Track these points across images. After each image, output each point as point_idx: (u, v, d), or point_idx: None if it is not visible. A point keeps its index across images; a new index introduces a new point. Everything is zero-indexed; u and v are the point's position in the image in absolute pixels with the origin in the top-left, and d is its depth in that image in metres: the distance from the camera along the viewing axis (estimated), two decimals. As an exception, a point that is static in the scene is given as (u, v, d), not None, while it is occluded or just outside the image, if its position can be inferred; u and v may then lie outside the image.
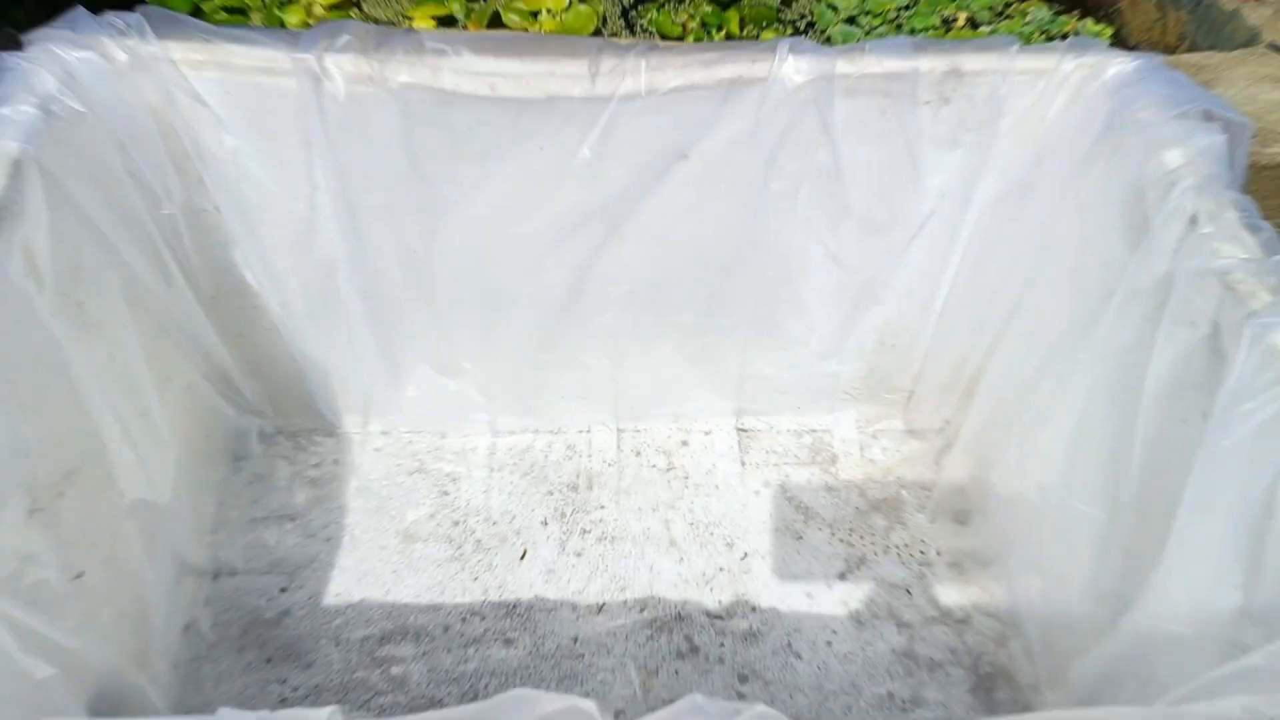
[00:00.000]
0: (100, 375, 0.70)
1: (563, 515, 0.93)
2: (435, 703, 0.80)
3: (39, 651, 0.54)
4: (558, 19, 1.21)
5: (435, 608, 0.86)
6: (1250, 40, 1.17)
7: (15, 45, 0.69)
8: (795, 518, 0.94)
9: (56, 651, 0.57)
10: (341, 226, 0.80)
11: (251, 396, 0.93)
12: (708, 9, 1.31)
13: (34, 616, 0.56)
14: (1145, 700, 0.66)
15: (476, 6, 1.24)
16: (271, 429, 0.96)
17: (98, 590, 0.69)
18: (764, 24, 1.34)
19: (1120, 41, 1.42)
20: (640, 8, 1.35)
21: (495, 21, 1.25)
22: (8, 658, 0.52)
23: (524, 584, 0.88)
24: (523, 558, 0.90)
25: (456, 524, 0.92)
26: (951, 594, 0.89)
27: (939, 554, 0.92)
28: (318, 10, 1.22)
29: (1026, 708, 0.82)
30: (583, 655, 0.84)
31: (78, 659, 0.61)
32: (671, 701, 0.84)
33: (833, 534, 0.93)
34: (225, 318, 0.86)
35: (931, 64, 0.73)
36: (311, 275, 0.85)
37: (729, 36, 1.32)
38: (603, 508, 0.94)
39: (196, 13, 1.20)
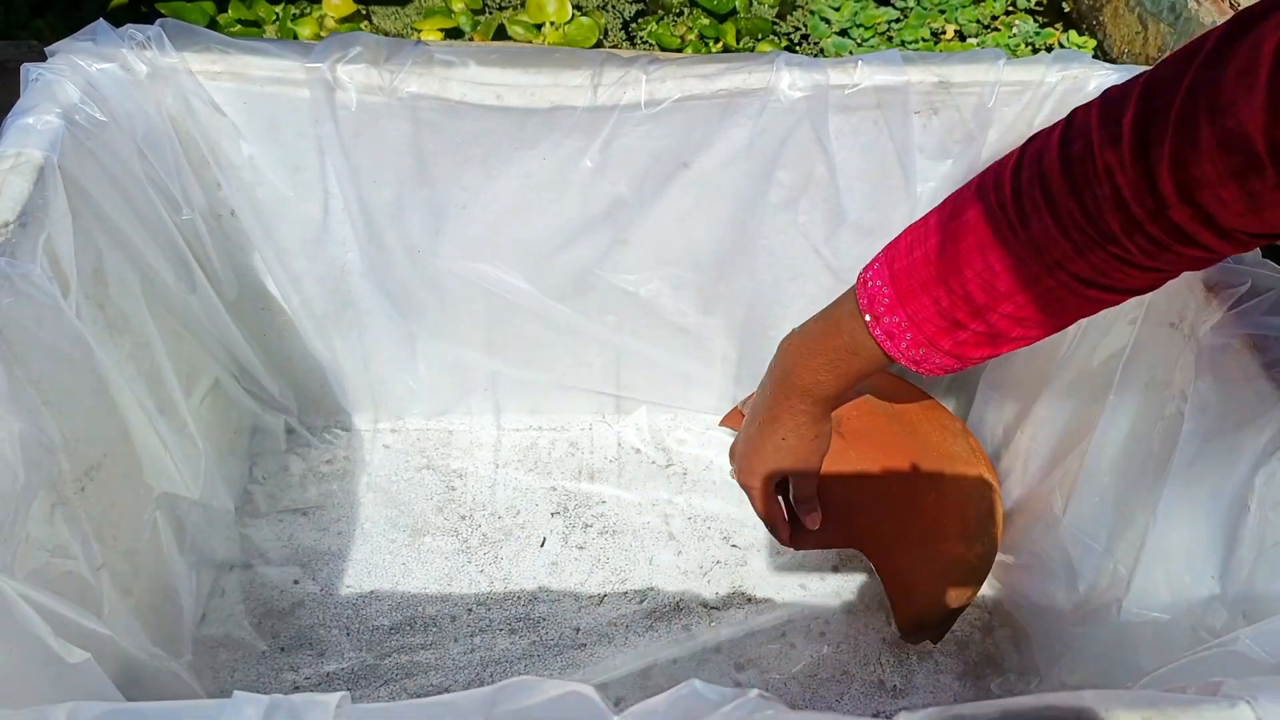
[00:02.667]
0: (124, 374, 0.72)
1: (565, 510, 0.96)
2: (442, 690, 0.82)
3: (71, 637, 0.55)
4: (561, 31, 1.24)
5: (443, 599, 0.88)
6: (1229, 52, 1.20)
7: None
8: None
9: (88, 637, 0.59)
10: (354, 229, 0.83)
11: (276, 394, 0.95)
12: (705, 22, 1.34)
13: (64, 605, 0.58)
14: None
15: (482, 19, 1.27)
16: (289, 425, 0.99)
17: (122, 580, 0.71)
18: (759, 36, 1.37)
19: (1103, 53, 1.46)
20: (640, 20, 1.38)
21: (500, 34, 1.28)
22: (41, 643, 0.53)
23: (528, 576, 0.91)
24: (543, 545, 0.93)
25: (463, 518, 0.95)
26: (940, 586, 0.92)
27: (928, 547, 0.94)
28: (329, 23, 1.25)
29: (1011, 694, 0.84)
30: (585, 644, 0.86)
31: (109, 644, 0.62)
32: (671, 689, 0.86)
33: (826, 528, 0.95)
34: (247, 318, 0.89)
35: (921, 76, 0.76)
36: (325, 276, 0.87)
37: (726, 48, 1.35)
38: (604, 502, 0.97)
39: (212, 26, 1.23)
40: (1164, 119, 0.45)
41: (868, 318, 0.60)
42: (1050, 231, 0.52)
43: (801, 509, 0.80)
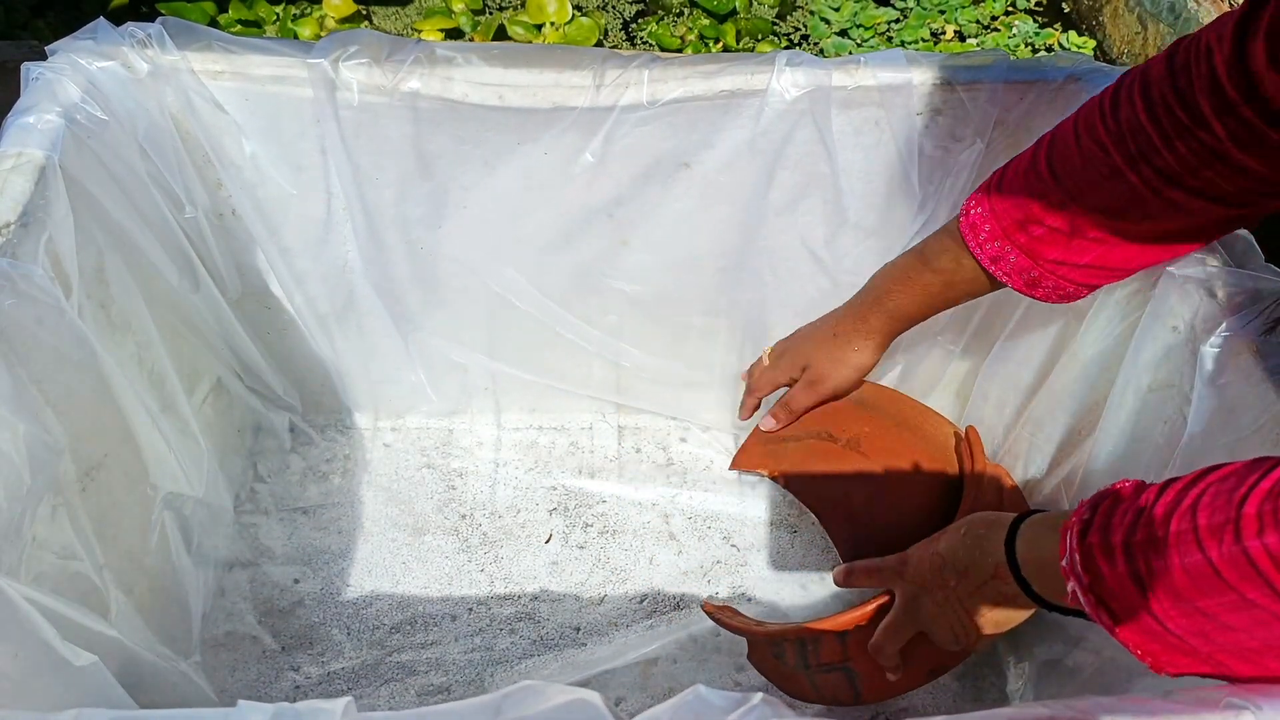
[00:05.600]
0: (127, 373, 0.72)
1: (566, 509, 0.96)
2: (443, 690, 0.82)
3: (78, 639, 0.56)
4: (561, 32, 1.24)
5: (443, 598, 0.88)
6: (1228, 53, 1.20)
7: None
8: (789, 512, 0.97)
9: (95, 639, 0.59)
10: (355, 228, 0.83)
11: (279, 392, 0.95)
12: (705, 22, 1.34)
13: (71, 607, 0.58)
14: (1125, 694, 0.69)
15: (482, 20, 1.27)
16: (291, 424, 0.99)
17: (124, 579, 0.71)
18: (759, 36, 1.37)
19: (1102, 54, 1.46)
20: (640, 21, 1.38)
21: (500, 34, 1.28)
22: (48, 647, 0.53)
23: (529, 575, 0.91)
24: (548, 541, 0.93)
25: (464, 517, 0.95)
26: (940, 586, 0.92)
27: (928, 548, 0.95)
28: (329, 24, 1.25)
29: (1010, 697, 0.85)
30: (585, 644, 0.86)
31: (116, 646, 0.62)
32: (671, 689, 0.86)
33: (826, 528, 0.96)
34: (250, 316, 0.89)
35: (924, 76, 0.76)
36: (327, 275, 0.87)
37: (726, 48, 1.35)
38: (604, 502, 0.97)
39: (213, 26, 1.23)
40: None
41: (960, 216, 0.67)
42: (1139, 116, 0.55)
43: (783, 415, 0.85)
